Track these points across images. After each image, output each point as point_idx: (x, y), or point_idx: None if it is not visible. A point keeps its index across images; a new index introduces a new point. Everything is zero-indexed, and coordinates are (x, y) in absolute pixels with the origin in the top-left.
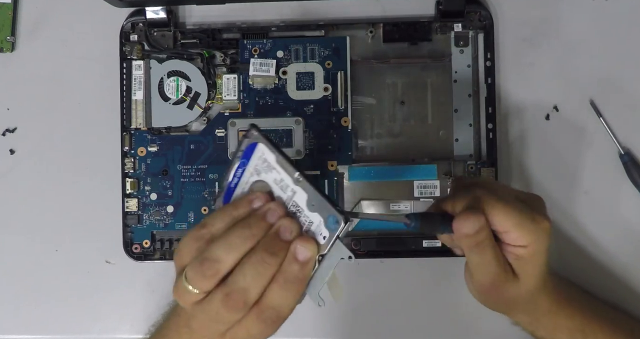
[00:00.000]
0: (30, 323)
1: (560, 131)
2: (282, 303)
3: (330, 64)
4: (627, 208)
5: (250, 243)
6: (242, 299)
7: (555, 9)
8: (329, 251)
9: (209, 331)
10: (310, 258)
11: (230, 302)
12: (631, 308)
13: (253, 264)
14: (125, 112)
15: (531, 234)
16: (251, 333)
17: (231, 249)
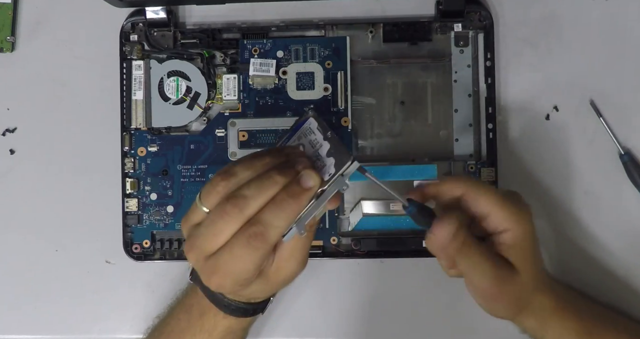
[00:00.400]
0: (30, 323)
1: (560, 131)
2: (270, 221)
3: (330, 64)
4: (627, 208)
5: (276, 187)
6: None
7: (555, 9)
8: (329, 187)
9: (198, 251)
10: (312, 187)
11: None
12: (631, 308)
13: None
14: (125, 112)
15: (513, 216)
16: (234, 253)
17: (260, 188)
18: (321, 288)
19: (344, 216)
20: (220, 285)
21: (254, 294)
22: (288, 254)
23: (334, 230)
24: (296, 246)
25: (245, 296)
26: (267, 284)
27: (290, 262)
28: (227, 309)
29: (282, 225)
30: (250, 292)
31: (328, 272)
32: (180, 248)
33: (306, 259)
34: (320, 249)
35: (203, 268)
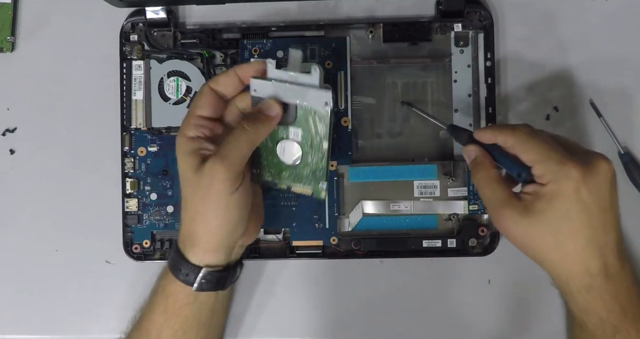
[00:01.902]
0: (30, 323)
1: (560, 131)
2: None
3: (330, 64)
4: (627, 208)
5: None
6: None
7: (555, 9)
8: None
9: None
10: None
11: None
12: None
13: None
14: (125, 112)
15: (551, 174)
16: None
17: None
18: (321, 288)
19: (344, 216)
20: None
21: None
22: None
23: (334, 230)
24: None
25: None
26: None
27: (218, 156)
28: (173, 267)
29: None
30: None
31: (328, 272)
32: None
33: (236, 163)
34: (320, 249)
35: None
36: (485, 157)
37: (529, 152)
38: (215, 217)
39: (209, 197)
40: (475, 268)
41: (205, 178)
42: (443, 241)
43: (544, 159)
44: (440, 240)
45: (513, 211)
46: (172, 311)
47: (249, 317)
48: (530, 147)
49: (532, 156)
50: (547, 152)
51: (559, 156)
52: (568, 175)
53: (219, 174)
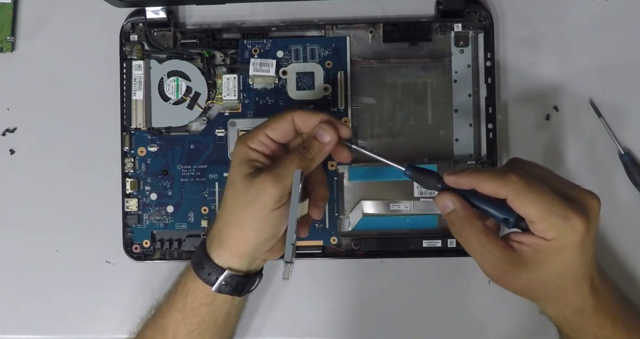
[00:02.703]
0: (30, 323)
1: (560, 131)
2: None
3: (330, 64)
4: (627, 208)
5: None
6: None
7: (555, 9)
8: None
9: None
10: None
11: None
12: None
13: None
14: (125, 112)
15: (557, 230)
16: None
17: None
18: (321, 288)
19: (344, 216)
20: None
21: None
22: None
23: (334, 230)
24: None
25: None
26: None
27: (270, 171)
28: (197, 265)
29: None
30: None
31: (328, 272)
32: (180, 248)
33: (285, 182)
34: (320, 249)
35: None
36: (467, 208)
37: (529, 207)
38: (250, 227)
39: (251, 208)
40: (475, 268)
41: (253, 189)
42: (443, 241)
43: (547, 215)
44: (440, 240)
45: (513, 267)
46: (191, 310)
47: (247, 317)
48: (530, 202)
49: (534, 211)
50: (549, 207)
51: (562, 210)
52: (574, 229)
53: (268, 189)
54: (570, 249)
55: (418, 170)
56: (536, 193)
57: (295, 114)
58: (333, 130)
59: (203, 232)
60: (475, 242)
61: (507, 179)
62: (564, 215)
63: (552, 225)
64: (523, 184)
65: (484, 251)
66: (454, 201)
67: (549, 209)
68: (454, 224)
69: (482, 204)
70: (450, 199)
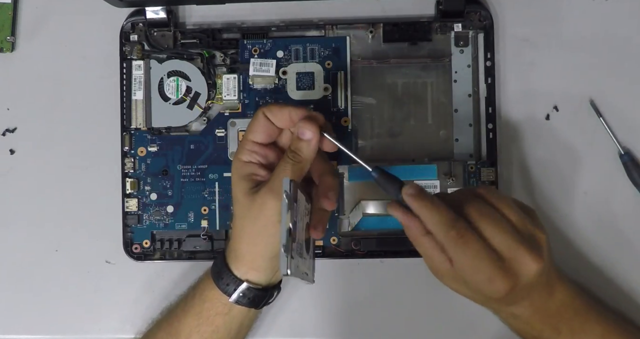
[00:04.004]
0: (30, 323)
1: (560, 131)
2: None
3: (330, 64)
4: (626, 208)
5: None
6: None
7: (555, 9)
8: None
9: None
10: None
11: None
12: (632, 308)
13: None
14: (125, 112)
15: (479, 287)
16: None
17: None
18: (321, 288)
19: (344, 216)
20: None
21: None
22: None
23: (334, 230)
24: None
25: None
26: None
27: (268, 188)
28: (216, 274)
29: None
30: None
31: (328, 272)
32: (180, 248)
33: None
34: (320, 249)
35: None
36: (418, 227)
37: (458, 259)
38: (261, 242)
39: (258, 223)
40: None
41: (256, 206)
42: None
43: (472, 271)
44: None
45: (450, 278)
46: (206, 318)
47: None
48: (462, 256)
49: (462, 265)
50: (476, 265)
51: (488, 271)
52: (494, 290)
53: (269, 203)
54: (493, 299)
55: (384, 175)
56: (469, 253)
57: (264, 109)
58: (312, 124)
59: (203, 232)
60: (422, 250)
61: (448, 234)
62: (488, 277)
63: (475, 281)
64: (459, 243)
65: (427, 258)
66: (403, 218)
67: (477, 269)
68: (406, 231)
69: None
70: (400, 213)
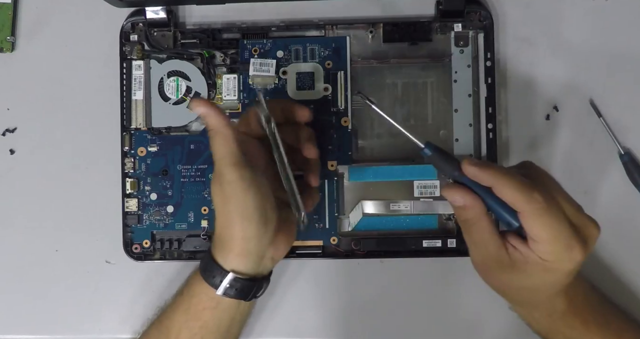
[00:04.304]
0: (30, 323)
1: (560, 131)
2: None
3: (330, 64)
4: (627, 208)
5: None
6: None
7: (555, 9)
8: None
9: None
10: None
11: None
12: (631, 308)
13: None
14: (125, 112)
15: (556, 255)
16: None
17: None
18: (321, 288)
19: (344, 216)
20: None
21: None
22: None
23: (334, 230)
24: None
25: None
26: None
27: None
28: (203, 268)
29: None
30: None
31: (328, 272)
32: (180, 248)
33: (235, 161)
34: (320, 249)
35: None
36: (481, 207)
37: (539, 229)
38: (237, 218)
39: (226, 201)
40: None
41: (216, 185)
42: (443, 241)
43: (553, 241)
44: (440, 240)
45: (499, 267)
46: (194, 313)
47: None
48: (543, 225)
49: (543, 235)
50: (557, 234)
51: (567, 239)
52: (572, 259)
53: (225, 176)
54: (560, 273)
55: (439, 151)
56: (552, 218)
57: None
58: (203, 101)
59: (203, 232)
60: (477, 235)
61: (531, 197)
62: (567, 244)
63: (554, 251)
64: (544, 206)
65: (481, 245)
66: (469, 199)
67: (557, 236)
68: (461, 216)
69: (492, 203)
70: (464, 198)
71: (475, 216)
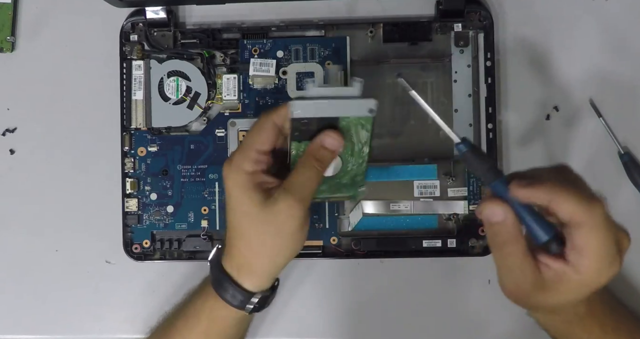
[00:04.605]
0: (30, 323)
1: (560, 131)
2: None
3: (330, 64)
4: (627, 208)
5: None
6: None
7: (555, 9)
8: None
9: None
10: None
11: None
12: (631, 306)
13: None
14: (125, 112)
15: (597, 271)
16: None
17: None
18: (321, 288)
19: (344, 216)
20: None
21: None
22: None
23: (334, 230)
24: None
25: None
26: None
27: (288, 192)
28: (216, 283)
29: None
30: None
31: (328, 272)
32: (180, 248)
33: (306, 198)
34: (320, 249)
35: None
36: (517, 224)
37: (595, 243)
38: (286, 251)
39: (282, 234)
40: (475, 268)
41: (280, 216)
42: (443, 241)
43: (604, 257)
44: (440, 240)
45: (533, 290)
46: (216, 334)
47: None
48: (600, 238)
49: (596, 249)
50: (608, 249)
51: (613, 256)
52: (611, 273)
53: (296, 213)
54: (594, 287)
55: (475, 150)
56: (608, 231)
57: (273, 116)
58: (337, 134)
59: (203, 232)
60: (512, 259)
61: (593, 210)
62: (612, 260)
63: (599, 267)
64: (605, 218)
65: (516, 269)
66: (507, 214)
67: (607, 251)
68: (497, 236)
69: (528, 218)
70: (502, 210)
71: (512, 236)
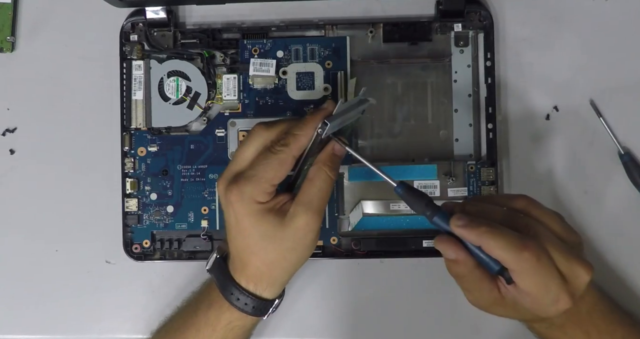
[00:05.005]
0: (30, 323)
1: (560, 131)
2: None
3: (330, 64)
4: (627, 208)
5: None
6: None
7: (555, 9)
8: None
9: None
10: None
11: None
12: (629, 307)
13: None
14: (125, 112)
15: (543, 306)
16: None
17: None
18: (321, 288)
19: (344, 216)
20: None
21: (269, 262)
22: (305, 198)
23: (334, 230)
24: (310, 191)
25: (259, 271)
26: (284, 241)
27: (306, 207)
28: (232, 298)
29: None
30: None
31: (328, 272)
32: (180, 248)
33: (322, 209)
34: (320, 249)
35: (231, 185)
36: (469, 261)
37: (529, 283)
38: (302, 260)
39: (301, 247)
40: None
41: (299, 232)
42: None
43: (542, 295)
44: None
45: (496, 304)
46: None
47: None
48: (533, 280)
49: (532, 289)
50: (546, 288)
51: (555, 293)
52: (557, 309)
53: (315, 227)
54: (546, 316)
55: (410, 190)
56: (540, 276)
57: (294, 151)
58: (342, 138)
59: (203, 232)
60: (469, 285)
61: (520, 257)
62: (554, 298)
63: (541, 304)
64: (533, 265)
65: (474, 291)
66: (457, 253)
67: (545, 292)
68: (452, 269)
69: (479, 252)
70: (453, 250)
71: (466, 268)
